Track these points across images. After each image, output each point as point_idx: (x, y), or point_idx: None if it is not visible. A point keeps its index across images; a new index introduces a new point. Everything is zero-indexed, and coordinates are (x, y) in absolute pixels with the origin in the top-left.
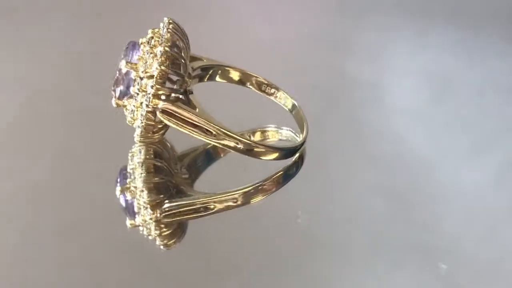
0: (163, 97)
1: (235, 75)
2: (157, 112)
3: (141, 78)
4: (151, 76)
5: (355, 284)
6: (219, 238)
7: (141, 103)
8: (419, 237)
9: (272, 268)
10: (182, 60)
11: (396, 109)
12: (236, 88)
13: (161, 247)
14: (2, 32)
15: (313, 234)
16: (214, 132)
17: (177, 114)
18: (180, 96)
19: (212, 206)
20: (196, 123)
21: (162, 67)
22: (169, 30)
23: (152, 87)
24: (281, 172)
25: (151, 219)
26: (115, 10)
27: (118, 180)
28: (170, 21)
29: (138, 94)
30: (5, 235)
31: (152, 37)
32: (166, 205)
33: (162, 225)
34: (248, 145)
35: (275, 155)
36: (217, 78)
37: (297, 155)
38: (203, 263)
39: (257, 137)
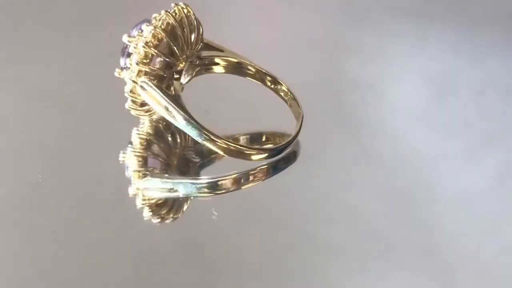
0: (145, 74)
1: (236, 66)
2: (136, 86)
3: (134, 53)
4: (138, 53)
5: (354, 286)
6: (212, 237)
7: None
8: (418, 237)
9: (268, 269)
10: (174, 44)
11: (396, 109)
12: (236, 80)
13: (150, 219)
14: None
15: (311, 235)
16: (180, 121)
17: (150, 92)
18: (165, 76)
19: (185, 190)
20: (166, 107)
21: (147, 46)
22: (168, 12)
23: (137, 63)
24: (266, 166)
25: (137, 189)
26: (118, 10)
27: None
28: (178, 4)
29: (129, 67)
30: (4, 235)
31: (156, 17)
32: (145, 178)
33: (147, 197)
34: (213, 139)
35: (261, 155)
36: (216, 69)
37: (285, 152)
38: (197, 261)
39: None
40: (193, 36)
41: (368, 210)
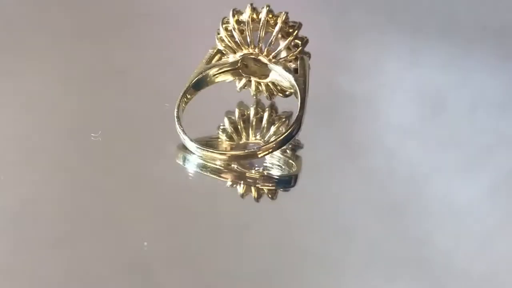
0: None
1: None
2: None
3: None
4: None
5: None
6: (210, 251)
7: None
8: (412, 252)
9: (263, 283)
10: (233, 32)
11: (389, 125)
12: None
13: None
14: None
15: (306, 249)
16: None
17: None
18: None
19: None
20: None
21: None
22: (254, 8)
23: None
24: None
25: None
26: (117, 24)
27: None
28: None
29: None
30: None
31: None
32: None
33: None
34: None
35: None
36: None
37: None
38: (192, 277)
39: None
40: (260, 40)
41: (362, 223)
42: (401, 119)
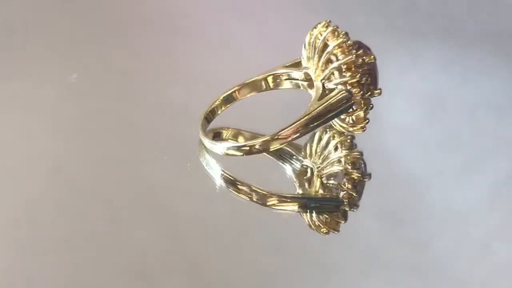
0: None
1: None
2: None
3: None
4: None
5: None
6: (211, 254)
7: None
8: (411, 256)
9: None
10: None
11: (389, 128)
12: None
13: None
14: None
15: (305, 254)
16: None
17: None
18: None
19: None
20: None
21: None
22: (327, 28)
23: None
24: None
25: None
26: (114, 29)
27: None
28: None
29: None
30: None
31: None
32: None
33: None
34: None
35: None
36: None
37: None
38: (196, 279)
39: None
40: (323, 60)
41: (361, 228)
42: (401, 122)
